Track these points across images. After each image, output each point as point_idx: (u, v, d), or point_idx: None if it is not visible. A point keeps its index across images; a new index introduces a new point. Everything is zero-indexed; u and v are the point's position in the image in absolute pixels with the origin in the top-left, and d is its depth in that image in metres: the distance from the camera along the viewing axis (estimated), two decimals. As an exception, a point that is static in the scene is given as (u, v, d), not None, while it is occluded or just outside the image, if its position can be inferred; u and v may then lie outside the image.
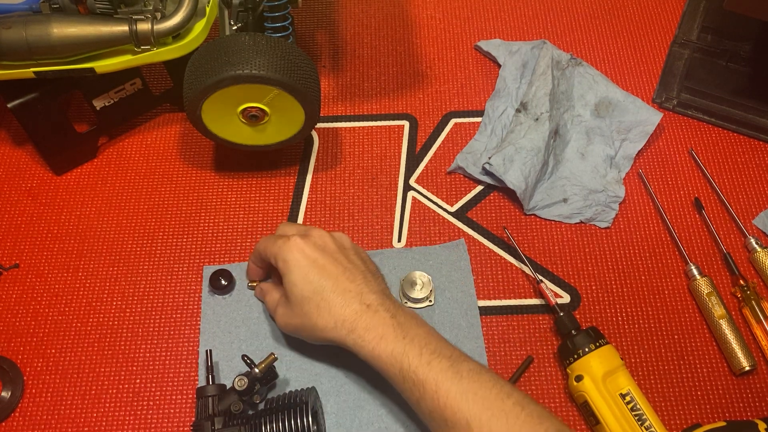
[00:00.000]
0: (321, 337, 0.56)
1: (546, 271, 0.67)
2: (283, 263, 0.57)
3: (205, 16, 0.64)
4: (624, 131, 0.74)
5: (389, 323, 0.54)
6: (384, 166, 0.74)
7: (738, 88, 0.76)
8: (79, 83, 0.66)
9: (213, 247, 0.68)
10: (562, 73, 0.76)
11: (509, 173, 0.69)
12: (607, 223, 0.69)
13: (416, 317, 0.56)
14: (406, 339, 0.53)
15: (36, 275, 0.67)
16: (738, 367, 0.61)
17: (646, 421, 0.55)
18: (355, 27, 0.84)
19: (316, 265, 0.56)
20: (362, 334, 0.54)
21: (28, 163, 0.73)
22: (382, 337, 0.53)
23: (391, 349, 0.52)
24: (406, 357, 0.52)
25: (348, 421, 0.59)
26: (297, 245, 0.57)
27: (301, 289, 0.56)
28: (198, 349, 0.62)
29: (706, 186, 0.72)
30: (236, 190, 0.72)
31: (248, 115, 0.64)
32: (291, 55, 0.62)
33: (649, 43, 0.83)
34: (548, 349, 0.63)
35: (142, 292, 0.66)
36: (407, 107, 0.78)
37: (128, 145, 0.75)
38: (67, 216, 0.70)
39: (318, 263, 0.56)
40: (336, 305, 0.55)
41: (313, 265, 0.56)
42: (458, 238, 0.69)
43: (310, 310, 0.55)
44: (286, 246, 0.57)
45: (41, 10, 0.62)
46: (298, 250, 0.57)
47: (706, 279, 0.64)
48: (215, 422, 0.54)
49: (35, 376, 0.61)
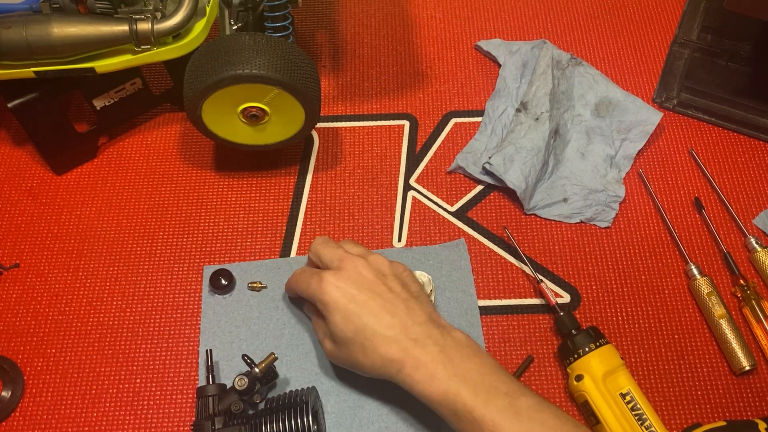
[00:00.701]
0: (370, 374, 0.54)
1: (546, 271, 0.67)
2: (323, 306, 0.55)
3: (205, 15, 0.64)
4: (624, 131, 0.74)
5: (438, 359, 0.51)
6: (384, 165, 0.74)
7: (738, 88, 0.76)
8: (79, 83, 0.66)
9: (213, 247, 0.68)
10: (562, 72, 0.76)
11: (509, 173, 0.69)
12: (607, 223, 0.69)
13: (467, 344, 0.53)
14: (458, 377, 0.50)
15: (36, 275, 0.67)
16: (738, 366, 0.61)
17: (646, 420, 0.55)
18: (355, 27, 0.84)
19: (355, 302, 0.54)
20: (411, 373, 0.51)
21: (28, 163, 0.73)
22: (433, 376, 0.50)
23: (443, 390, 0.50)
24: (459, 397, 0.49)
25: (348, 421, 0.59)
26: (331, 284, 0.54)
27: (342, 330, 0.54)
28: (198, 349, 0.62)
29: (706, 186, 0.72)
30: (236, 190, 0.72)
31: (248, 115, 0.64)
32: (291, 55, 0.62)
33: (649, 43, 0.83)
34: (548, 349, 0.63)
35: (142, 292, 0.66)
36: (407, 107, 0.78)
37: (128, 145, 0.75)
38: (67, 216, 0.70)
39: (357, 300, 0.54)
40: (380, 344, 0.52)
41: (351, 303, 0.54)
42: (458, 238, 0.69)
43: (355, 351, 0.53)
44: (320, 288, 0.55)
45: (41, 9, 0.62)
46: (334, 288, 0.54)
47: (706, 279, 0.64)
48: (215, 422, 0.54)
49: (35, 375, 0.61)
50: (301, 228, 0.69)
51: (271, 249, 0.68)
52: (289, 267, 0.66)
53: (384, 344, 0.52)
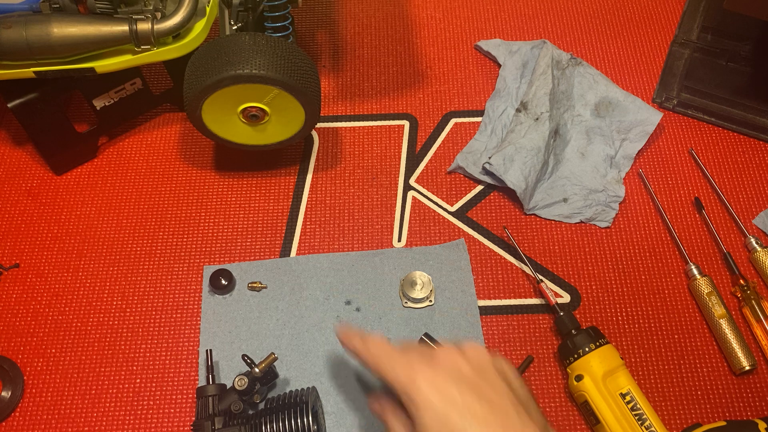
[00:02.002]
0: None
1: (546, 271, 0.67)
2: (410, 402, 0.44)
3: (205, 15, 0.64)
4: (624, 131, 0.74)
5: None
6: (384, 165, 0.74)
7: (738, 88, 0.76)
8: (79, 83, 0.66)
9: (213, 247, 0.68)
10: (562, 72, 0.76)
11: (509, 173, 0.69)
12: (607, 223, 0.69)
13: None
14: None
15: (36, 275, 0.67)
16: (738, 366, 0.61)
17: (646, 420, 0.55)
18: (355, 27, 0.84)
19: (455, 405, 0.43)
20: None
21: (28, 163, 0.73)
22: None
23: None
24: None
25: (348, 421, 0.59)
26: (425, 377, 0.44)
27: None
28: (198, 349, 0.62)
29: (706, 186, 0.72)
30: (236, 190, 0.72)
31: (248, 115, 0.64)
32: (291, 55, 0.62)
33: (649, 43, 0.83)
34: (548, 349, 0.63)
35: (142, 292, 0.66)
36: (407, 107, 0.78)
37: (128, 145, 0.75)
38: (67, 216, 0.70)
39: (456, 402, 0.43)
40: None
41: (450, 405, 0.43)
42: (458, 238, 0.69)
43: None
44: (410, 380, 0.44)
45: (41, 9, 0.62)
46: (428, 384, 0.44)
47: (706, 279, 0.64)
48: (215, 422, 0.54)
49: (35, 375, 0.61)
50: (301, 228, 0.69)
51: (271, 249, 0.68)
52: (288, 267, 0.66)
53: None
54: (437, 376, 0.44)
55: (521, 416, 0.44)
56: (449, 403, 0.43)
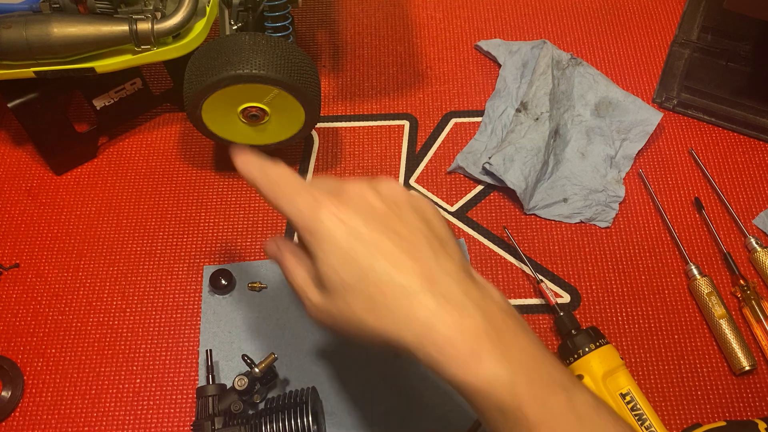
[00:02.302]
0: (374, 340, 0.39)
1: (546, 271, 0.67)
2: (312, 238, 0.40)
3: (205, 15, 0.64)
4: (624, 131, 0.74)
5: (482, 330, 0.37)
6: (384, 165, 0.74)
7: (738, 88, 0.76)
8: (79, 83, 0.66)
9: (213, 247, 0.68)
10: (562, 72, 0.76)
11: (509, 173, 0.69)
12: (607, 223, 0.69)
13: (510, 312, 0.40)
14: (511, 361, 0.36)
15: (36, 275, 0.67)
16: (738, 366, 0.61)
17: (646, 420, 0.55)
18: (355, 27, 0.84)
19: (361, 239, 0.39)
20: (442, 347, 0.37)
21: (28, 163, 0.73)
22: (474, 354, 0.36)
23: (490, 378, 0.36)
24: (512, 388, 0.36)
25: (348, 421, 0.59)
26: (330, 210, 0.39)
27: (340, 274, 0.39)
28: (198, 349, 0.62)
29: (706, 186, 0.72)
30: (236, 190, 0.72)
31: (248, 115, 0.64)
32: (291, 55, 0.62)
33: (649, 43, 0.83)
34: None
35: (142, 292, 0.66)
36: (407, 107, 0.78)
37: (128, 145, 0.75)
38: (67, 216, 0.70)
39: (362, 237, 0.39)
40: (396, 297, 0.38)
41: (356, 239, 0.39)
42: (458, 238, 0.69)
43: (355, 304, 0.39)
44: (312, 213, 0.40)
45: (41, 9, 0.62)
46: (331, 218, 0.39)
47: (706, 279, 0.64)
48: (215, 422, 0.54)
49: (35, 375, 0.61)
50: (301, 228, 0.69)
51: (271, 249, 0.68)
52: (289, 267, 0.66)
53: (401, 297, 0.38)
54: (343, 209, 0.39)
55: (437, 253, 0.39)
56: (354, 236, 0.39)
